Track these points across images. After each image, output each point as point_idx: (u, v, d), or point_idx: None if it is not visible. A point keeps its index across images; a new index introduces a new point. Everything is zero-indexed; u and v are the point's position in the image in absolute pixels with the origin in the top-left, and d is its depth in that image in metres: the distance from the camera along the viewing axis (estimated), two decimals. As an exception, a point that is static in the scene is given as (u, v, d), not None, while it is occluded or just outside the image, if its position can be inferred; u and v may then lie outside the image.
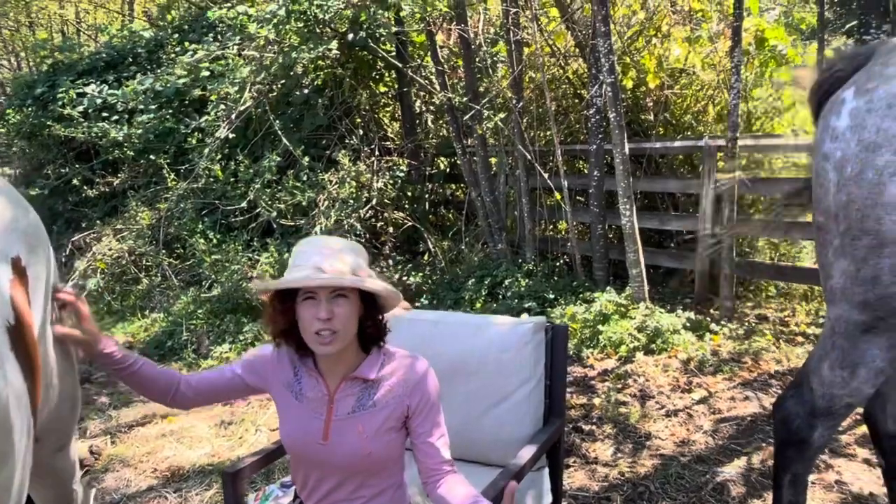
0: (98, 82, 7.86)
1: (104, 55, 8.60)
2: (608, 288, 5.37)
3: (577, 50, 6.71)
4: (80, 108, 7.40)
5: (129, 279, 6.33)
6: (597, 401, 4.02)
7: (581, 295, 5.51)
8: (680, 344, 4.65)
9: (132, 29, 9.45)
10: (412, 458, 1.72)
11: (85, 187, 7.43)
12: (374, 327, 1.67)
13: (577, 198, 6.77)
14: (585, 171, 6.52)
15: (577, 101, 6.95)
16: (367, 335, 1.67)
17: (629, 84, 6.59)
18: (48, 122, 7.51)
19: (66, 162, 8.12)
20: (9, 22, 12.75)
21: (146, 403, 4.43)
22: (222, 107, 6.69)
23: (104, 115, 7.38)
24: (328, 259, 1.57)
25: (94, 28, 10.87)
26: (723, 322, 4.99)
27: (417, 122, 7.63)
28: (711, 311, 5.31)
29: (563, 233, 6.60)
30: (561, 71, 7.11)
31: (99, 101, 7.40)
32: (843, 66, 2.11)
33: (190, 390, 1.77)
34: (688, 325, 4.87)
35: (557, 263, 6.27)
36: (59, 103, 7.46)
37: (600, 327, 4.93)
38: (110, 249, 6.37)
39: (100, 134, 7.13)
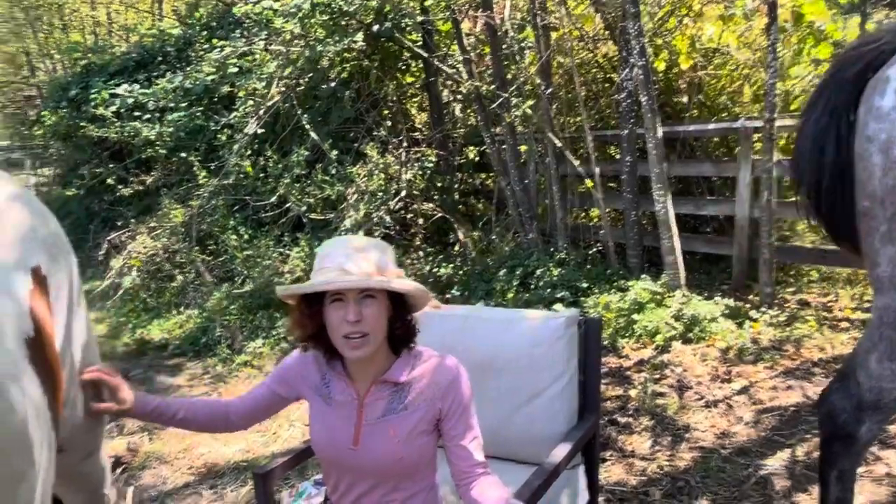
0: (129, 82, 7.95)
1: (135, 55, 8.71)
2: (643, 276, 5.26)
3: (607, 32, 6.57)
4: (113, 109, 7.50)
5: (163, 276, 6.41)
6: (633, 392, 3.94)
7: (615, 283, 5.41)
8: (718, 332, 4.53)
9: (161, 28, 9.54)
10: (445, 458, 1.69)
11: (119, 186, 7.55)
12: (403, 328, 1.63)
13: (610, 184, 6.65)
14: (617, 157, 6.39)
15: (607, 85, 6.80)
16: (396, 336, 1.63)
17: (661, 66, 6.43)
18: (82, 123, 7.63)
19: (100, 162, 8.25)
20: (43, 25, 13.02)
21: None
22: (250, 102, 6.71)
23: (136, 114, 7.47)
24: (353, 259, 1.53)
25: (125, 29, 11.00)
26: (763, 309, 4.85)
27: (445, 111, 7.56)
28: (751, 297, 5.17)
29: (596, 220, 6.49)
30: (590, 55, 6.97)
31: (130, 100, 7.49)
32: (888, 41, 1.99)
33: (240, 418, 1.79)
34: (726, 312, 4.74)
35: (590, 252, 6.17)
36: (92, 104, 7.57)
37: (635, 316, 4.83)
38: (145, 247, 6.46)
39: (132, 133, 7.22)
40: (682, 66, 6.19)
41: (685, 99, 6.33)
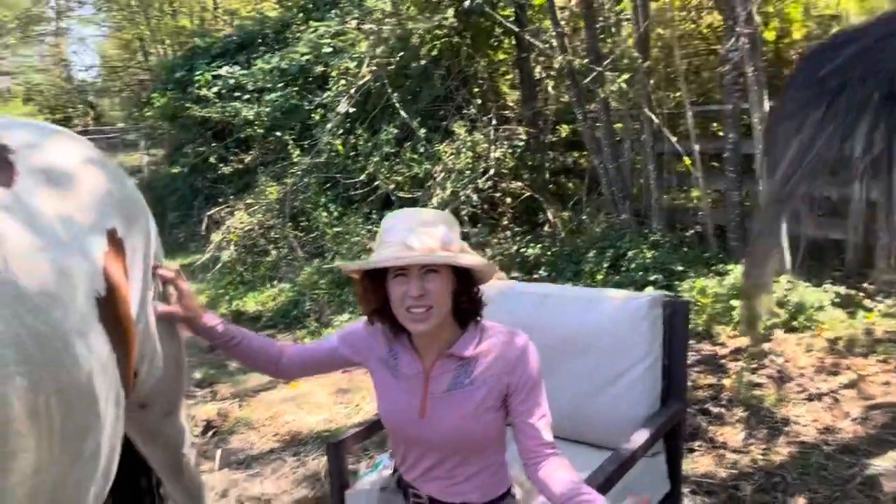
0: (231, 64, 8.26)
1: (236, 38, 9.03)
2: (743, 260, 4.95)
3: (712, 2, 6.19)
4: (215, 90, 7.81)
5: (259, 251, 6.65)
6: (727, 381, 3.72)
7: (713, 267, 5.13)
8: (826, 321, 4.20)
9: (261, 11, 9.83)
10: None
11: (221, 165, 7.88)
12: (469, 302, 1.57)
13: (712, 163, 6.30)
14: (720, 134, 6.03)
15: (711, 57, 6.43)
16: (462, 310, 1.57)
17: (771, 36, 5.98)
18: (187, 104, 8.00)
19: (203, 141, 8.64)
20: (154, 12, 13.76)
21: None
22: (342, 82, 6.80)
23: (236, 94, 7.75)
24: (417, 234, 1.48)
25: (229, 13, 11.45)
26: (878, 298, 4.45)
27: (537, 88, 7.39)
28: (865, 285, 4.76)
29: (695, 201, 6.16)
30: (693, 25, 6.60)
31: (231, 81, 7.77)
32: None
33: (292, 363, 1.78)
34: (837, 300, 4.39)
35: (687, 234, 5.87)
36: (196, 86, 7.91)
37: (734, 302, 4.55)
38: (242, 223, 6.72)
39: (232, 113, 7.50)
40: (795, 35, 5.75)
41: (797, 71, 5.88)
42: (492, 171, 6.38)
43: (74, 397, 1.12)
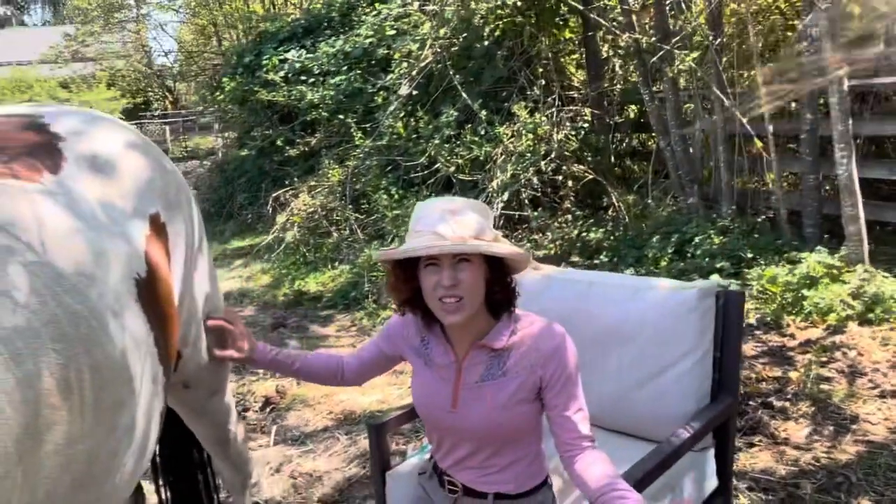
0: (297, 48, 8.38)
1: (303, 22, 9.15)
2: (818, 247, 4.71)
3: (791, -26, 5.86)
4: (282, 74, 7.95)
5: (321, 232, 6.77)
6: (794, 374, 3.55)
7: (785, 255, 4.90)
8: (906, 314, 3.95)
9: (328, -6, 9.92)
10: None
11: (287, 147, 8.04)
12: (502, 292, 1.54)
13: (789, 145, 5.99)
14: (797, 115, 5.73)
15: (789, 34, 6.09)
16: (495, 300, 1.54)
17: (856, 10, 5.62)
18: (255, 88, 8.18)
19: (271, 124, 8.83)
20: (228, -3, 14.11)
21: (330, 349, 4.72)
22: (405, 64, 6.80)
23: (302, 78, 7.86)
24: (448, 223, 1.45)
25: (299, -3, 11.63)
26: (967, 290, 4.15)
27: (604, 68, 7.20)
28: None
29: (769, 185, 5.89)
30: (770, 0, 6.27)
31: (297, 65, 7.89)
32: None
33: (352, 374, 1.84)
34: (919, 292, 4.12)
35: (759, 219, 5.62)
36: (264, 69, 8.07)
37: (805, 292, 4.34)
38: (305, 205, 6.85)
39: (298, 97, 7.63)
40: (883, 8, 5.36)
41: (882, 47, 5.50)
42: (554, 154, 6.27)
43: (108, 374, 1.17)
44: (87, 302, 1.15)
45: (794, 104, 6.13)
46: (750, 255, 5.03)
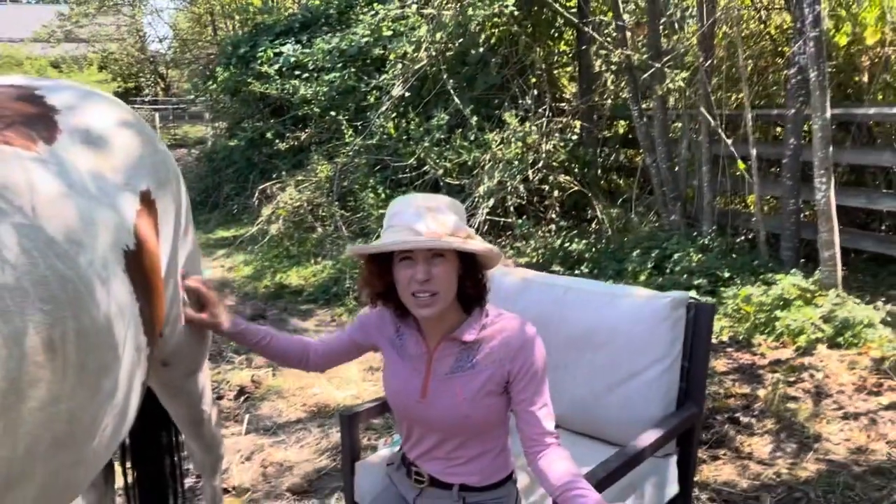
0: (293, 42, 8.39)
1: (300, 16, 9.17)
2: (794, 270, 4.81)
3: (783, 1, 5.98)
4: (276, 67, 7.95)
5: (306, 227, 6.78)
6: (762, 392, 3.63)
7: (761, 276, 5.00)
8: (875, 340, 4.05)
9: (327, -9, 9.94)
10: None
11: (277, 141, 8.04)
12: (474, 287, 1.58)
13: (772, 169, 6.10)
14: (782, 139, 5.84)
15: (778, 59, 6.22)
16: (467, 295, 1.58)
17: (842, 41, 5.76)
18: (249, 80, 8.18)
19: (262, 117, 8.83)
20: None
21: (308, 343, 4.73)
22: (399, 65, 6.84)
23: (296, 73, 7.87)
24: (424, 219, 1.49)
25: (297, -9, 11.65)
26: (934, 320, 4.26)
27: (596, 82, 7.29)
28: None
29: (750, 206, 5.99)
30: (761, 26, 6.38)
31: (292, 59, 7.90)
32: None
33: (319, 358, 1.85)
34: (888, 319, 4.22)
35: (738, 240, 5.73)
36: (259, 62, 8.08)
37: (778, 312, 4.43)
38: (292, 199, 6.86)
39: (291, 91, 7.64)
40: (868, 41, 5.51)
41: (867, 78, 5.64)
42: (541, 163, 6.34)
43: (94, 338, 1.19)
44: (76, 267, 1.18)
45: (779, 129, 6.26)
46: (727, 274, 5.12)
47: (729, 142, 5.50)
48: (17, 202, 1.13)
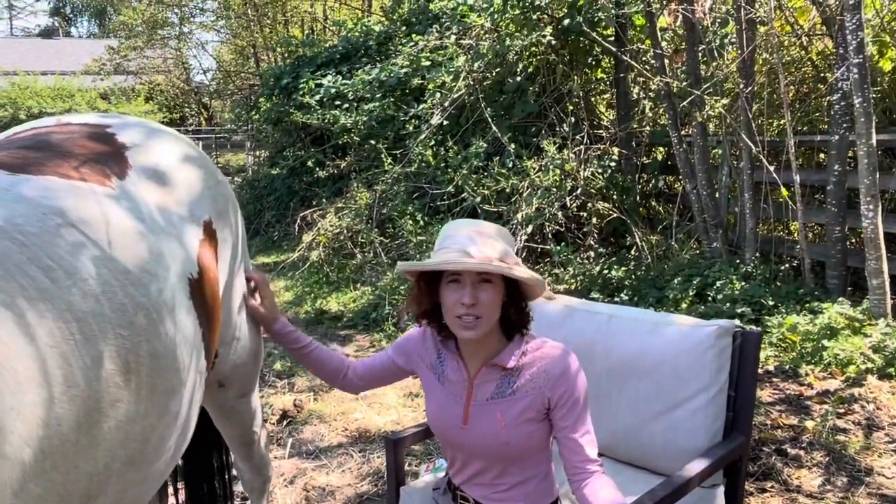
0: (334, 73, 8.60)
1: (340, 48, 9.40)
2: (841, 299, 4.71)
3: (824, 27, 5.93)
4: (317, 97, 8.15)
5: (345, 254, 6.89)
6: (810, 424, 3.54)
7: (807, 304, 4.90)
8: (928, 371, 3.93)
9: (366, 23, 10.19)
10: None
11: (317, 169, 8.21)
12: (517, 314, 1.62)
13: (816, 195, 6.01)
14: (826, 165, 5.76)
15: (820, 85, 6.15)
16: (510, 322, 1.62)
17: (888, 66, 5.69)
18: (291, 110, 8.39)
19: (303, 146, 9.04)
20: (268, 21, 14.52)
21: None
22: (438, 95, 6.95)
23: (336, 103, 8.06)
24: (476, 243, 1.53)
25: (337, 24, 11.95)
26: None
27: (634, 109, 7.30)
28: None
29: (794, 233, 5.90)
30: (803, 52, 6.33)
31: (333, 90, 8.09)
32: None
33: (356, 377, 1.89)
34: (942, 349, 4.10)
35: (782, 267, 5.63)
36: (300, 92, 8.29)
37: (826, 342, 4.34)
38: (332, 226, 6.98)
39: (332, 120, 7.81)
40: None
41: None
42: (580, 190, 6.34)
43: (164, 362, 1.26)
44: (148, 295, 1.25)
45: (822, 155, 6.17)
46: (771, 303, 5.03)
47: (771, 168, 5.44)
48: (95, 235, 1.20)
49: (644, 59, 6.96)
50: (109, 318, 1.13)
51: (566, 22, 6.59)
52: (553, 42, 6.67)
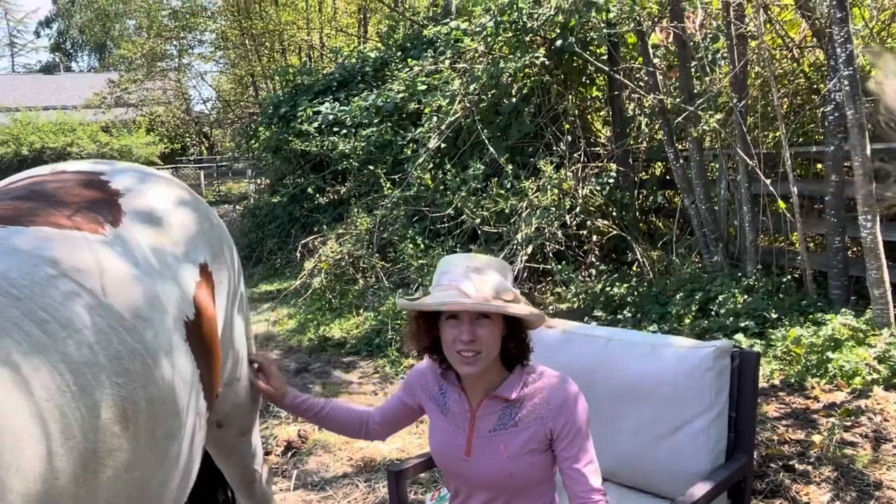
0: (331, 100, 8.68)
1: (337, 75, 9.50)
2: (844, 309, 4.69)
3: (815, 39, 5.98)
4: (315, 124, 8.23)
5: (347, 279, 6.90)
6: (817, 438, 3.52)
7: (810, 316, 4.88)
8: (934, 380, 3.91)
9: (361, 50, 10.31)
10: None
11: (317, 195, 8.26)
12: (517, 346, 1.63)
13: (815, 206, 6.02)
14: (823, 176, 5.77)
15: (813, 96, 6.18)
16: (510, 354, 1.63)
17: (878, 74, 5.70)
18: (290, 138, 8.46)
19: (302, 173, 9.10)
20: (265, 50, 14.69)
21: (352, 395, 4.77)
22: (435, 118, 7.01)
23: (335, 129, 8.13)
24: (472, 281, 1.55)
25: (333, 51, 12.08)
26: None
27: (630, 126, 7.34)
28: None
29: (794, 244, 5.90)
30: (794, 64, 6.38)
31: (331, 117, 8.17)
32: None
33: (376, 426, 1.91)
34: (948, 358, 4.08)
35: (784, 279, 5.62)
36: (299, 120, 8.36)
37: (830, 354, 4.32)
38: (333, 252, 7.00)
39: (330, 147, 7.88)
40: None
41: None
42: (579, 209, 6.36)
43: (161, 407, 1.27)
44: (144, 341, 1.27)
45: (819, 165, 6.19)
46: (774, 315, 5.02)
47: (767, 181, 5.45)
48: (89, 284, 1.22)
49: (637, 76, 7.02)
50: (104, 367, 1.14)
51: (559, 43, 6.65)
52: (546, 63, 6.73)
